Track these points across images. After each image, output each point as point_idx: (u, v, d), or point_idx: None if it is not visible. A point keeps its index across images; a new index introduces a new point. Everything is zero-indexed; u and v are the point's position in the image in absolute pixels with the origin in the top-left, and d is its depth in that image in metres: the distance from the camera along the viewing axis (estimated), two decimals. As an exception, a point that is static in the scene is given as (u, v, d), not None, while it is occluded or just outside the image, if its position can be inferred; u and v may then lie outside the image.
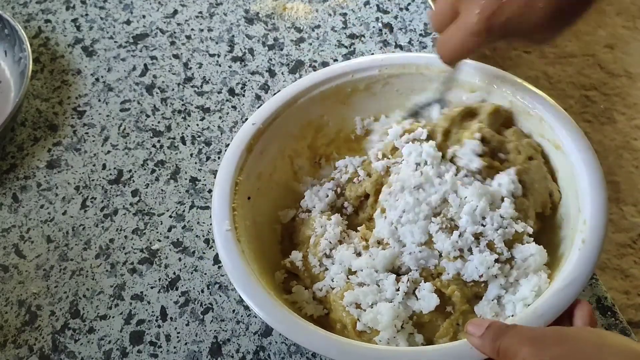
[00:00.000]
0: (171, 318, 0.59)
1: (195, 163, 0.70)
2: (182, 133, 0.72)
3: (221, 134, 0.72)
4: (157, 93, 0.76)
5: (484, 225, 0.51)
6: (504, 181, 0.54)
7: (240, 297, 0.59)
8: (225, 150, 0.58)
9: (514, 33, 0.50)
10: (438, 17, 0.53)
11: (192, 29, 0.83)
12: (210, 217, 0.54)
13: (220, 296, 0.60)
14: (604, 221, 0.50)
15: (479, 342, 0.43)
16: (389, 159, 0.58)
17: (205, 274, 0.61)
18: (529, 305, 0.49)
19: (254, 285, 0.50)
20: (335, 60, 0.78)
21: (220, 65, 0.79)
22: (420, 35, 0.79)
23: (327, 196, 0.59)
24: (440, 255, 0.51)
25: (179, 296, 0.60)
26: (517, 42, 0.57)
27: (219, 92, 0.76)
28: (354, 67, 0.62)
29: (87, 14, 0.85)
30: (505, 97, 0.59)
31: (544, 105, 0.57)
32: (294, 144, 0.62)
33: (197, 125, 0.73)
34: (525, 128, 0.59)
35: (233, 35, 0.82)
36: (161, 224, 0.65)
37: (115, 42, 0.82)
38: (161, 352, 0.57)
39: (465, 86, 0.60)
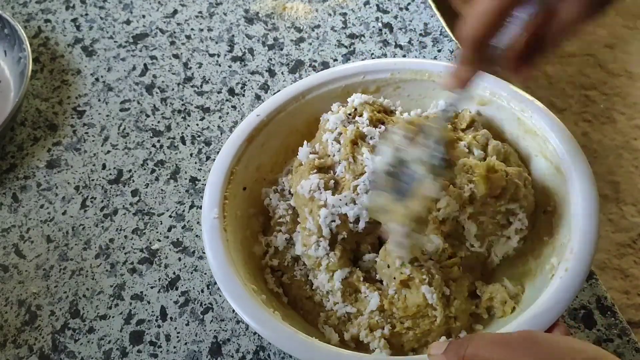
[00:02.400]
0: (171, 318, 0.59)
1: (195, 163, 0.70)
2: (182, 133, 0.72)
3: (221, 133, 0.72)
4: (157, 93, 0.76)
5: None
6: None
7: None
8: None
9: None
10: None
11: (192, 29, 0.83)
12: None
13: (220, 296, 0.60)
14: (590, 253, 0.49)
15: (442, 359, 0.42)
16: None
17: (205, 273, 0.61)
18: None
19: (232, 276, 0.50)
20: (335, 60, 0.78)
21: (220, 65, 0.79)
22: (420, 35, 0.79)
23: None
24: None
25: (179, 296, 0.60)
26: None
27: (219, 92, 0.76)
28: (365, 68, 0.62)
29: (86, 14, 0.85)
30: (514, 114, 0.58)
31: (552, 126, 0.56)
32: (300, 139, 0.62)
33: (197, 125, 0.73)
34: (529, 147, 0.58)
35: (233, 35, 0.82)
36: (161, 223, 0.65)
37: (115, 42, 0.82)
38: (161, 352, 0.57)
39: (475, 99, 0.60)
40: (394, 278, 0.51)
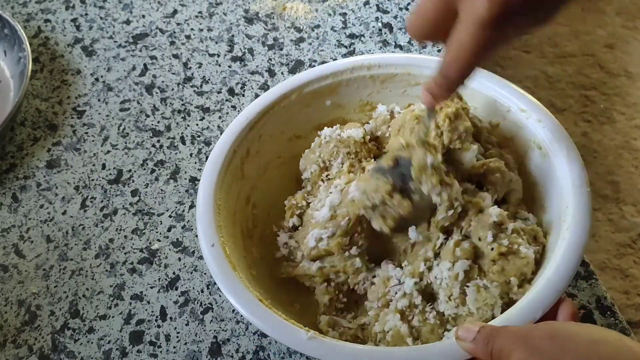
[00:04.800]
0: (171, 318, 0.59)
1: (195, 163, 0.70)
2: (182, 133, 0.72)
3: (221, 133, 0.72)
4: (156, 93, 0.76)
5: None
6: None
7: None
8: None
9: (526, 12, 0.41)
10: (421, 18, 0.44)
11: (192, 29, 0.83)
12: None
13: (220, 296, 0.60)
14: (587, 222, 0.49)
15: (471, 347, 0.42)
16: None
17: (205, 273, 0.61)
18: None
19: (234, 279, 0.50)
20: (335, 60, 0.78)
21: (220, 65, 0.79)
22: (420, 35, 0.79)
23: None
24: None
25: (179, 296, 0.60)
26: (522, 29, 0.43)
27: (219, 92, 0.76)
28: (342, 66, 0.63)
29: (86, 14, 0.85)
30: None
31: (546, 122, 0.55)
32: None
33: (197, 125, 0.73)
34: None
35: (233, 35, 0.82)
36: (161, 223, 0.65)
37: (114, 41, 0.82)
38: (161, 352, 0.57)
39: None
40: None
